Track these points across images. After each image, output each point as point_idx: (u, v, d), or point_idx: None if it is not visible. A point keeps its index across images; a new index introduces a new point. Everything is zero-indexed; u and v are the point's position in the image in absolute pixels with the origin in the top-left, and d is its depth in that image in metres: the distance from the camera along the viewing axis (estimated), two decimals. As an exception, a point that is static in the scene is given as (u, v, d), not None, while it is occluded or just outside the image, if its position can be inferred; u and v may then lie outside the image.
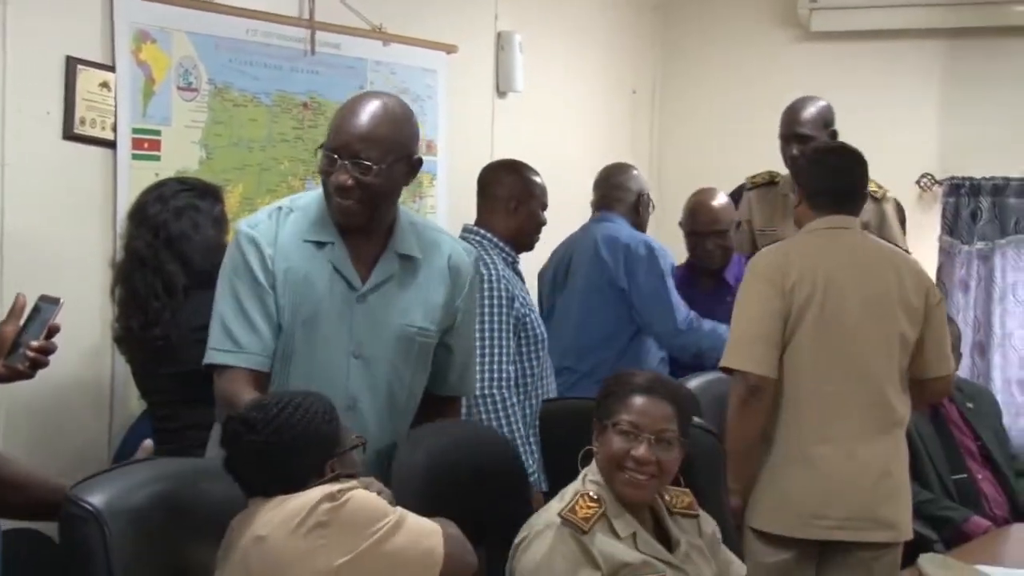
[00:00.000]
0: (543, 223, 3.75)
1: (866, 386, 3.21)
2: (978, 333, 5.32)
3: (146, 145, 3.58)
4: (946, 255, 5.35)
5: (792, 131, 4.42)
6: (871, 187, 3.71)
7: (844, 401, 3.20)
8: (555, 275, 4.29)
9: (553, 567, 2.44)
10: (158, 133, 3.61)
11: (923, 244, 5.26)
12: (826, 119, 4.48)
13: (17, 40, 3.24)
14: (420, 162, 2.70)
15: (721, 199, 4.39)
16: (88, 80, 3.41)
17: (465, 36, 4.68)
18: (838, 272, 3.24)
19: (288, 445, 2.18)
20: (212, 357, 2.60)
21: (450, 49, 4.59)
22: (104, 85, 3.46)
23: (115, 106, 3.49)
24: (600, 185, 4.37)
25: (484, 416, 3.40)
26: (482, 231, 3.65)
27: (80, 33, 3.43)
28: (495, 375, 3.42)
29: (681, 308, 4.06)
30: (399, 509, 2.22)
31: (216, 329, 2.61)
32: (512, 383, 3.45)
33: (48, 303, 2.49)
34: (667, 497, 2.64)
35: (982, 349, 5.32)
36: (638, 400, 2.57)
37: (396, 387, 2.70)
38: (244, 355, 2.59)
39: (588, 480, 2.57)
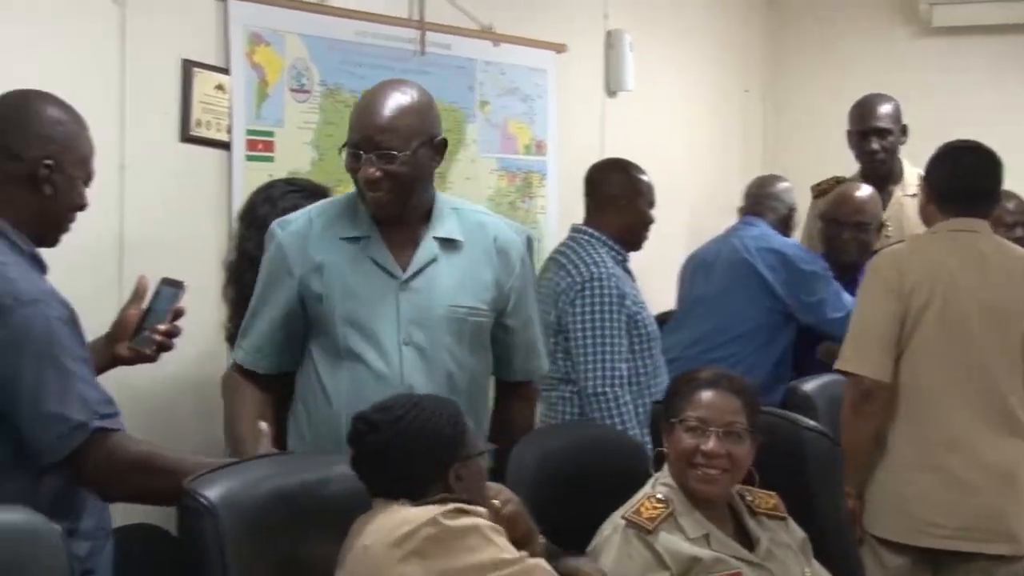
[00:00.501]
0: (651, 221, 3.76)
1: (988, 393, 3.12)
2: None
3: (260, 146, 3.62)
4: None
5: (870, 125, 4.41)
6: None
7: (964, 407, 3.12)
8: (694, 276, 4.32)
9: (624, 571, 2.41)
10: (271, 134, 3.64)
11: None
12: (899, 115, 4.42)
13: (135, 44, 3.30)
14: (445, 143, 2.68)
15: (868, 192, 4.27)
16: (204, 83, 3.46)
17: (575, 35, 4.66)
18: (960, 276, 3.15)
19: (409, 448, 2.16)
20: None
21: (560, 48, 4.57)
22: (219, 87, 3.51)
23: (230, 108, 3.53)
24: (753, 193, 4.35)
25: (598, 415, 3.39)
26: (590, 230, 3.66)
27: (196, 36, 3.48)
28: (607, 373, 3.41)
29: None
30: (521, 557, 2.11)
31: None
32: (625, 381, 3.43)
33: (171, 286, 2.53)
34: (749, 497, 2.61)
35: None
36: (704, 395, 2.56)
37: (455, 372, 2.68)
38: (240, 352, 2.72)
39: (658, 483, 2.55)
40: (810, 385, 3.54)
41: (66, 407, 2.12)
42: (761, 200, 4.35)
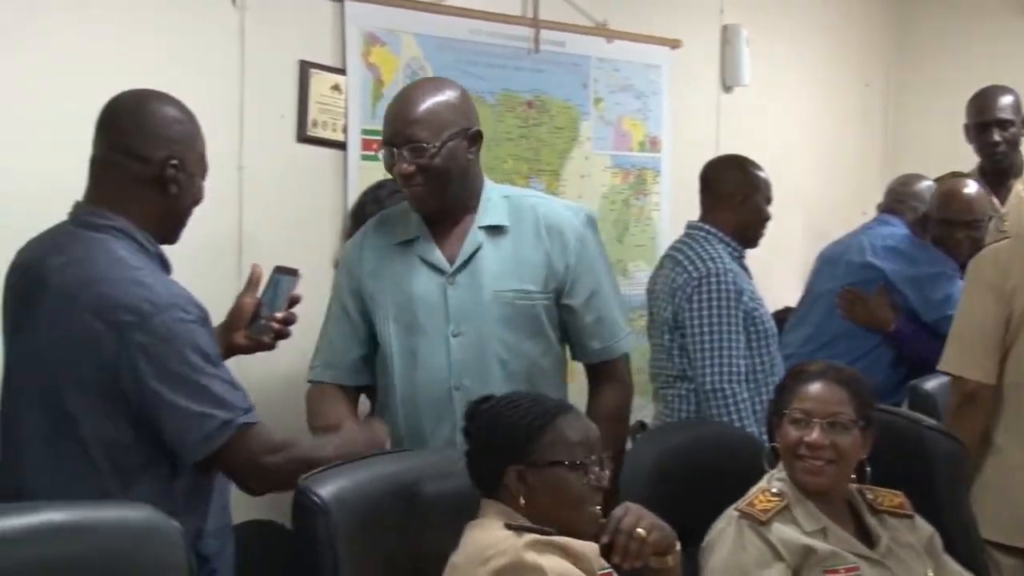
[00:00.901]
0: (768, 218, 3.72)
1: None
2: None
3: (375, 146, 3.62)
4: None
5: (991, 116, 4.31)
6: None
7: None
8: (819, 272, 4.30)
9: (739, 562, 2.38)
10: (387, 134, 3.67)
11: None
12: (1020, 106, 4.33)
13: (254, 46, 3.35)
14: (480, 134, 2.67)
15: (975, 188, 4.15)
16: (320, 83, 3.50)
17: (690, 30, 4.62)
18: None
19: (481, 439, 2.19)
20: None
21: (674, 44, 4.53)
22: (335, 88, 3.55)
23: (346, 108, 3.57)
24: (893, 190, 4.28)
25: (715, 412, 3.36)
26: (706, 226, 3.62)
27: (313, 38, 3.52)
28: (725, 369, 3.38)
29: None
30: None
31: None
32: (743, 377, 3.40)
33: (286, 274, 2.57)
34: (870, 495, 2.56)
35: None
36: (810, 387, 2.53)
37: (508, 359, 2.67)
38: (312, 371, 2.78)
39: (774, 479, 2.52)
40: (931, 384, 3.46)
41: (210, 406, 2.17)
42: (901, 198, 4.26)
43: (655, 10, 4.50)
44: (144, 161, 2.27)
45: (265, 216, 3.37)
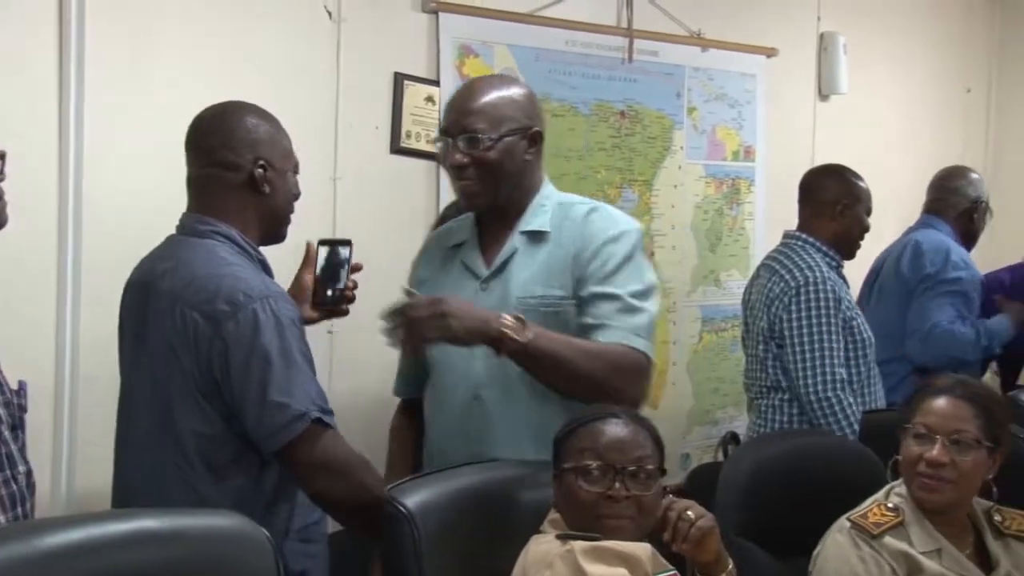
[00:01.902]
0: (867, 228, 3.68)
1: None
2: None
3: (468, 157, 3.68)
4: None
5: None
6: None
7: None
8: (873, 277, 4.25)
9: (846, 572, 2.34)
10: (479, 145, 3.70)
11: None
12: None
13: (350, 59, 3.40)
14: (540, 135, 2.56)
15: None
16: (414, 95, 3.55)
17: (786, 38, 4.59)
18: None
19: None
20: None
21: (770, 52, 4.51)
22: (429, 99, 3.59)
23: (439, 119, 3.60)
24: (933, 188, 4.19)
25: (822, 420, 3.35)
26: (804, 235, 3.60)
27: (407, 50, 3.57)
28: (828, 377, 3.36)
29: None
30: None
31: None
32: (846, 384, 3.37)
33: (337, 245, 2.60)
34: (997, 517, 2.47)
35: None
36: (936, 402, 2.44)
37: None
38: (395, 383, 2.80)
39: (892, 493, 2.46)
40: (1034, 397, 3.40)
41: (289, 396, 2.19)
42: (939, 196, 4.18)
43: (751, 18, 4.48)
44: (235, 169, 2.35)
45: (359, 226, 3.41)
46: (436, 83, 3.60)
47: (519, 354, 2.33)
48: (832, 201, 3.62)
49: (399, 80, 3.52)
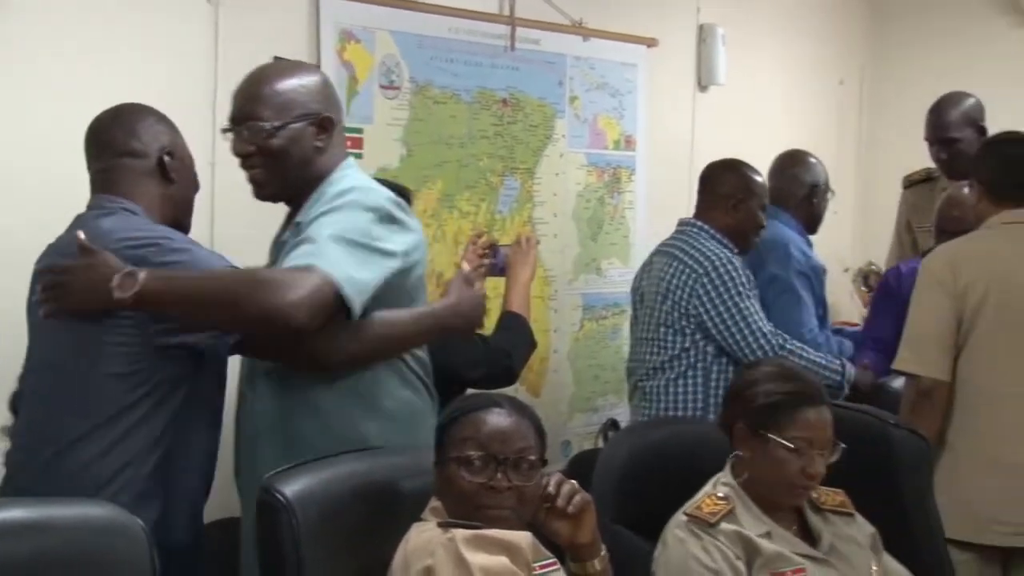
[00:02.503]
0: (762, 224, 3.75)
1: None
2: None
3: (349, 143, 3.59)
4: None
5: (936, 135, 4.35)
6: None
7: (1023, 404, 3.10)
8: None
9: (693, 564, 2.38)
10: (360, 131, 3.68)
11: None
12: (972, 117, 4.33)
13: (227, 42, 3.36)
14: (331, 122, 2.47)
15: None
16: (294, 80, 3.50)
17: (666, 29, 4.64)
18: (1017, 269, 3.14)
19: None
20: None
21: (650, 43, 4.55)
22: (310, 85, 3.54)
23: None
24: (771, 177, 4.23)
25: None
26: (699, 223, 3.68)
27: (287, 34, 3.53)
28: (769, 336, 3.53)
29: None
30: None
31: None
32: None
33: None
34: (813, 495, 2.55)
35: None
36: (808, 414, 2.45)
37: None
38: None
39: (719, 483, 2.51)
40: (899, 382, 3.49)
41: None
42: (778, 184, 4.10)
43: (631, 9, 4.52)
44: (143, 156, 2.42)
45: (237, 214, 3.35)
46: (317, 68, 3.56)
47: (142, 305, 2.21)
48: (727, 195, 3.68)
49: (279, 65, 3.48)
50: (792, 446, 2.43)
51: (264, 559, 2.08)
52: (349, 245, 2.30)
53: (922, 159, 4.58)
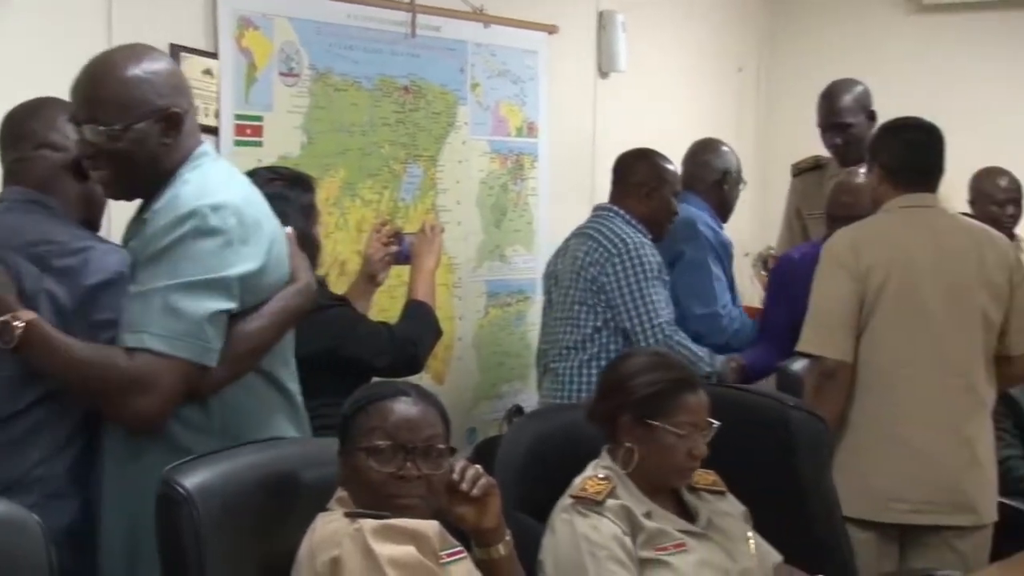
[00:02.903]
0: (675, 212, 3.84)
1: (949, 368, 3.19)
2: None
3: (248, 131, 3.62)
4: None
5: (830, 121, 4.42)
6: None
7: (925, 384, 3.18)
8: None
9: (586, 543, 2.41)
10: (260, 119, 3.64)
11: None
12: (863, 103, 4.41)
13: (122, 28, 3.28)
14: (177, 116, 2.32)
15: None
16: (191, 67, 3.45)
17: (566, 16, 4.65)
18: (917, 252, 3.21)
19: None
20: None
21: (551, 30, 4.56)
22: (207, 72, 3.50)
23: (218, 93, 3.53)
24: (685, 163, 4.30)
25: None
26: (614, 208, 3.77)
27: (184, 20, 3.47)
28: (663, 324, 3.61)
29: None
30: None
31: None
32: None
33: None
34: None
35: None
36: (690, 398, 2.52)
37: None
38: None
39: (599, 467, 2.54)
40: (799, 365, 3.55)
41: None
42: (690, 170, 4.22)
43: (532, -4, 4.53)
44: (62, 149, 2.37)
45: (135, 205, 3.30)
46: (214, 56, 3.52)
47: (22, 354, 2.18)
48: (640, 184, 3.77)
49: (175, 52, 3.41)
50: (680, 431, 2.48)
51: (165, 554, 2.05)
52: (188, 293, 2.21)
53: (819, 145, 4.66)
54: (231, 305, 2.26)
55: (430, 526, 2.10)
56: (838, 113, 4.41)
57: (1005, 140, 5.18)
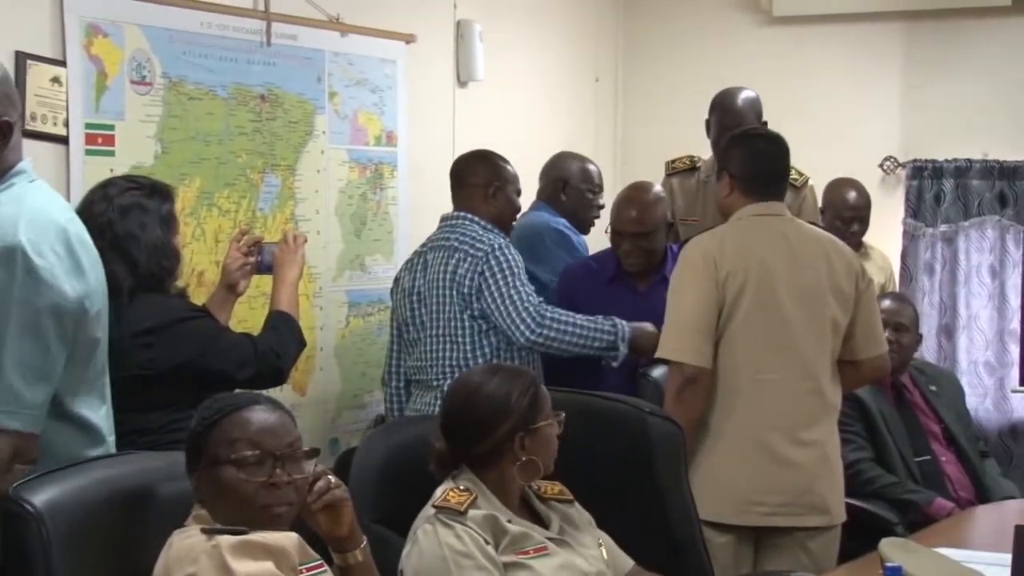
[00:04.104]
0: (518, 209, 3.87)
1: (801, 373, 3.26)
2: (944, 316, 5.34)
3: (100, 140, 3.54)
4: (910, 238, 5.35)
5: (731, 127, 4.32)
6: (792, 174, 3.70)
7: (779, 389, 3.25)
8: None
9: (450, 553, 2.42)
10: (112, 128, 3.56)
11: (887, 227, 5.28)
12: (757, 109, 4.44)
13: (-36, 36, 3.20)
14: (9, 126, 2.26)
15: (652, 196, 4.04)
16: (39, 75, 3.37)
17: (424, 25, 4.65)
18: (771, 260, 3.28)
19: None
20: None
21: (409, 39, 4.56)
22: (55, 80, 3.42)
23: (67, 101, 3.44)
24: (540, 177, 4.41)
25: (556, 347, 3.63)
26: (465, 213, 3.72)
27: (29, 27, 3.38)
28: (534, 313, 3.58)
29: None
30: None
31: None
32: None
33: None
34: (535, 487, 2.65)
35: (948, 332, 5.34)
36: (543, 387, 2.62)
37: None
38: None
39: (460, 478, 2.56)
40: (659, 371, 3.59)
41: None
42: (541, 179, 4.40)
43: (388, 4, 4.51)
44: None
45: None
46: (62, 63, 3.44)
47: None
48: (483, 184, 3.76)
49: (21, 59, 3.33)
50: (554, 419, 2.59)
51: (10, 573, 1.99)
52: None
53: (678, 151, 4.72)
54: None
55: (289, 540, 2.08)
56: (740, 117, 4.28)
57: (856, 150, 5.35)
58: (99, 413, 2.46)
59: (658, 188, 4.17)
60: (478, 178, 3.77)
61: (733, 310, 3.24)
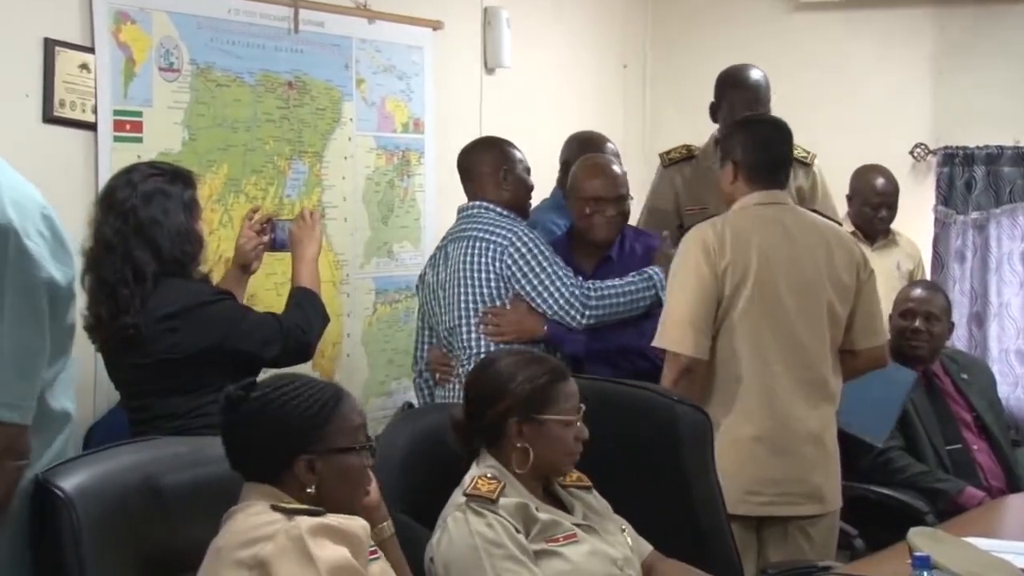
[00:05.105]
0: (532, 187, 3.82)
1: (800, 363, 3.25)
2: (975, 304, 5.29)
3: (128, 127, 3.55)
4: (941, 225, 5.31)
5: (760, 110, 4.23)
6: (799, 152, 3.66)
7: (779, 379, 3.24)
8: None
9: (483, 542, 2.42)
10: (140, 115, 3.57)
11: (918, 215, 5.24)
12: (768, 84, 4.27)
13: (-6, 24, 3.21)
14: None
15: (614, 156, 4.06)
16: (67, 62, 3.38)
17: (451, 12, 4.64)
18: (772, 250, 3.26)
19: (253, 427, 2.12)
20: None
21: (436, 26, 4.55)
22: (84, 67, 3.43)
23: (95, 88, 3.45)
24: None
25: (592, 317, 3.61)
26: (483, 203, 3.71)
27: (58, 15, 3.40)
28: (572, 291, 3.59)
29: None
30: None
31: None
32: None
33: None
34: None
35: (979, 320, 5.29)
36: (569, 386, 2.58)
37: None
38: None
39: (485, 465, 2.56)
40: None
41: None
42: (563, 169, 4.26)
43: (416, -9, 4.51)
44: None
45: (9, 200, 3.22)
46: (91, 50, 3.44)
47: None
48: (493, 171, 3.73)
49: (50, 46, 3.34)
50: (568, 419, 2.54)
51: (41, 558, 2.00)
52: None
53: (704, 138, 4.69)
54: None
55: (361, 526, 2.12)
56: (766, 102, 4.14)
57: (886, 137, 5.31)
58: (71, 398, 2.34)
59: (610, 145, 4.22)
60: (486, 165, 3.75)
61: (733, 301, 3.23)
